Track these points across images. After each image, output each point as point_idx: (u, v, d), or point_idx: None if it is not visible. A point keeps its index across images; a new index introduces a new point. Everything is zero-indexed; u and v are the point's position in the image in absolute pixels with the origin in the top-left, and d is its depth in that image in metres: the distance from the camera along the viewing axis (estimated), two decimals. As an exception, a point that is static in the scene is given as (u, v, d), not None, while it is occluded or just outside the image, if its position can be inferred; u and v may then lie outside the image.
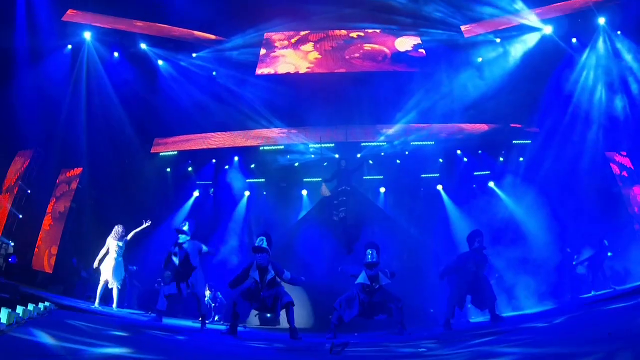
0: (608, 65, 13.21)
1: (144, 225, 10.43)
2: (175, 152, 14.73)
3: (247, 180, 14.81)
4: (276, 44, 14.60)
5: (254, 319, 12.95)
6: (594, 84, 13.40)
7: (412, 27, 14.24)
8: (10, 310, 4.40)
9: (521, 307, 10.86)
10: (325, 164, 14.14)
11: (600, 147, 13.43)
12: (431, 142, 14.41)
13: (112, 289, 9.99)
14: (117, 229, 10.18)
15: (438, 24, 13.87)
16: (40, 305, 6.14)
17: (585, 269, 11.67)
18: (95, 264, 9.98)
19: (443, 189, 14.86)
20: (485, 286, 8.18)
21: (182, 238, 8.17)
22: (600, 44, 13.23)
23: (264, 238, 7.32)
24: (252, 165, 14.94)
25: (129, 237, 10.25)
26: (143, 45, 13.75)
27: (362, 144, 14.53)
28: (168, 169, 14.90)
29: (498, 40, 13.83)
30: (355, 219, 12.70)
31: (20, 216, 12.14)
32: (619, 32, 12.98)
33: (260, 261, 7.20)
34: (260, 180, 15.10)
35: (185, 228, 8.27)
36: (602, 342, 3.59)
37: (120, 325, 6.42)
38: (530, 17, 13.07)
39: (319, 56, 14.33)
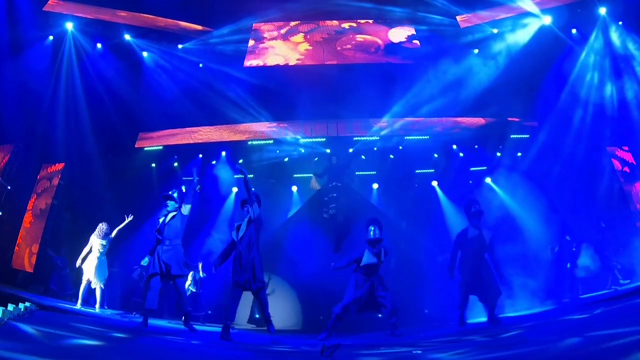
0: (610, 57, 13.34)
1: (126, 221, 10.66)
2: (161, 147, 14.82)
3: (235, 176, 14.79)
4: (265, 35, 14.71)
5: (242, 320, 13.15)
6: (595, 76, 13.54)
7: (406, 17, 14.39)
8: (-11, 311, 4.57)
9: (519, 307, 11.07)
10: (317, 159, 14.32)
11: (601, 142, 13.54)
12: (426, 137, 14.50)
13: (95, 289, 10.21)
14: (102, 226, 10.37)
15: (433, 14, 13.98)
16: (21, 305, 6.25)
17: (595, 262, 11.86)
18: (78, 263, 10.17)
19: (438, 185, 14.96)
20: (490, 277, 8.28)
21: (171, 205, 8.16)
22: (601, 35, 13.36)
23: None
24: (240, 161, 14.81)
25: (113, 234, 10.46)
26: (127, 36, 13.83)
27: (354, 139, 14.62)
28: (153, 165, 14.98)
29: (495, 31, 13.93)
30: (346, 216, 12.92)
31: (0, 213, 12.32)
32: (620, 23, 13.12)
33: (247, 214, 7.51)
34: (248, 176, 15.14)
35: (175, 195, 8.28)
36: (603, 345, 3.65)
37: (105, 328, 6.53)
38: (529, 7, 13.18)
39: (310, 47, 14.44)
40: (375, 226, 8.06)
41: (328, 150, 14.26)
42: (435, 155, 15.11)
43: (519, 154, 14.47)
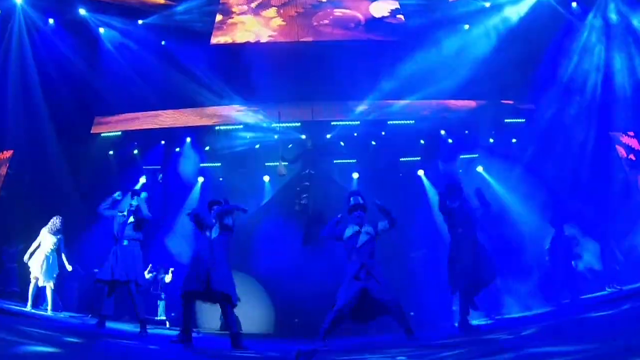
0: (614, 34, 13.34)
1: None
2: (119, 133, 14.77)
3: (201, 165, 14.92)
4: (234, 9, 14.63)
5: (209, 323, 13.21)
6: (598, 54, 13.52)
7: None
8: None
9: (514, 309, 11.20)
10: (290, 146, 14.36)
11: (604, 127, 13.62)
12: (411, 121, 14.55)
13: (44, 288, 10.13)
14: (55, 220, 10.35)
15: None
16: (-37, 307, 6.36)
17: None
18: (26, 258, 10.12)
19: (425, 174, 15.05)
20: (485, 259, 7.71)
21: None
22: (605, 9, 13.38)
23: None
24: (207, 148, 15.02)
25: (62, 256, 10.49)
26: (82, 11, 13.69)
27: (332, 123, 14.64)
28: (111, 152, 14.98)
29: (487, 4, 13.90)
30: (320, 208, 12.97)
31: (-61, 206, 12.40)
32: (626, -5, 13.20)
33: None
34: (216, 164, 15.25)
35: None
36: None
37: (58, 332, 6.40)
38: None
39: (283, 23, 14.41)
40: (357, 196, 7.36)
41: (303, 136, 14.30)
42: (422, 142, 15.17)
43: (514, 140, 14.54)
